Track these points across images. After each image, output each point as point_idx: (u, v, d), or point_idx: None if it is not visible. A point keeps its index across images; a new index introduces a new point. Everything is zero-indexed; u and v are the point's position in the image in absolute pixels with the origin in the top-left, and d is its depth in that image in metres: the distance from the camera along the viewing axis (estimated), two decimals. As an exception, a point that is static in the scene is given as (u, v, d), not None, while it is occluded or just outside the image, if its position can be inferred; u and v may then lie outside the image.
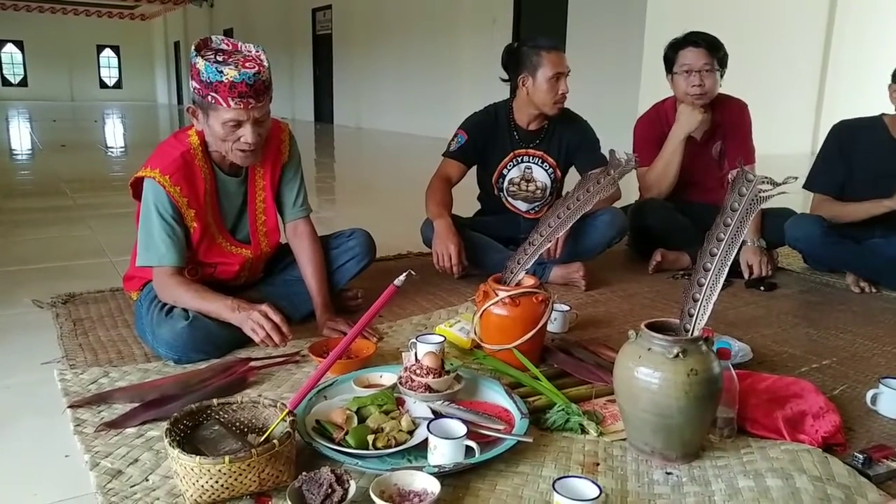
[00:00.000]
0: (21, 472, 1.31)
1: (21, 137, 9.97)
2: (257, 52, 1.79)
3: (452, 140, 2.68)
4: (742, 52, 4.70)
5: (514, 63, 2.58)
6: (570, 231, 2.40)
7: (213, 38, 1.83)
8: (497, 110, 2.70)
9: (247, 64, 1.74)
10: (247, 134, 1.78)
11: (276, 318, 1.78)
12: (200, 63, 1.72)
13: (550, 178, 2.71)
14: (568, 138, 2.68)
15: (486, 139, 2.66)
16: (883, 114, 2.59)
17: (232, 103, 1.72)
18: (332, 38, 13.67)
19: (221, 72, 1.70)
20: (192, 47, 1.77)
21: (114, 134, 11.48)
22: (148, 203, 1.83)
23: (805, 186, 2.68)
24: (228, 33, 18.11)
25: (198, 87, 1.75)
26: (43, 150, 8.10)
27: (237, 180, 1.99)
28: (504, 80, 2.68)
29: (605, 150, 2.19)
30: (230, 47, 1.81)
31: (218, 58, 1.75)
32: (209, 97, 1.73)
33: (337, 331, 1.93)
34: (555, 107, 2.56)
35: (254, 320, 1.77)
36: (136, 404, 1.50)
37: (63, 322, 2.07)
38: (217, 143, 1.84)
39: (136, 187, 1.90)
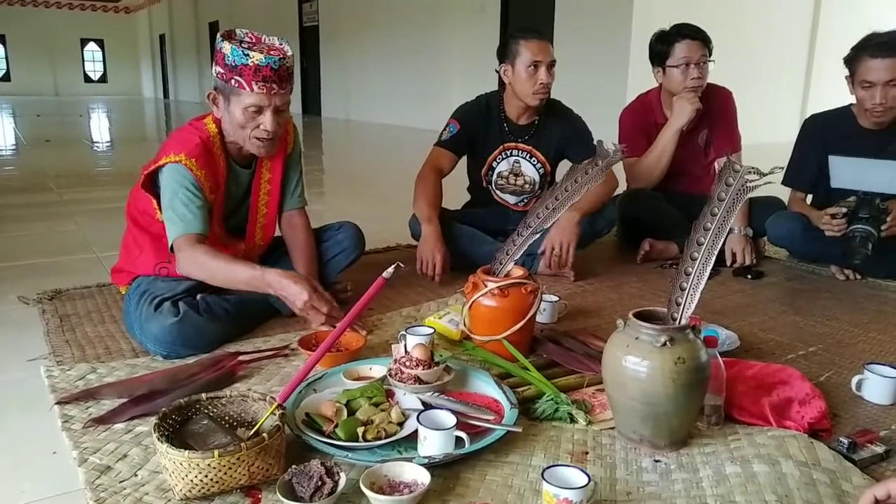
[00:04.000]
0: (9, 470, 1.30)
1: (5, 133, 9.85)
2: (281, 43, 1.83)
3: (444, 129, 2.65)
4: (729, 40, 4.72)
5: (501, 54, 2.58)
6: (578, 236, 2.42)
7: (238, 30, 1.84)
8: (489, 101, 2.67)
9: (272, 51, 1.78)
10: (266, 121, 1.80)
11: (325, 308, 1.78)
12: (227, 47, 1.75)
13: (539, 173, 2.70)
14: (558, 132, 2.66)
15: (477, 130, 2.65)
16: (851, 104, 2.61)
17: (255, 87, 1.75)
18: (318, 30, 13.60)
19: (248, 55, 1.73)
20: (219, 35, 1.80)
21: (99, 128, 11.37)
22: (172, 184, 1.79)
23: (782, 182, 2.72)
24: (214, 26, 17.97)
25: (222, 71, 1.77)
26: (27, 145, 8.01)
27: (248, 172, 2.00)
28: (498, 71, 2.67)
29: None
30: (253, 39, 1.84)
31: (244, 44, 1.77)
32: (233, 80, 1.75)
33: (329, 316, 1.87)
34: (535, 97, 2.52)
35: (308, 306, 1.76)
36: (125, 400, 1.49)
37: (49, 318, 2.06)
38: (235, 131, 1.84)
39: (148, 178, 1.86)
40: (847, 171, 2.45)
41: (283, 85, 1.79)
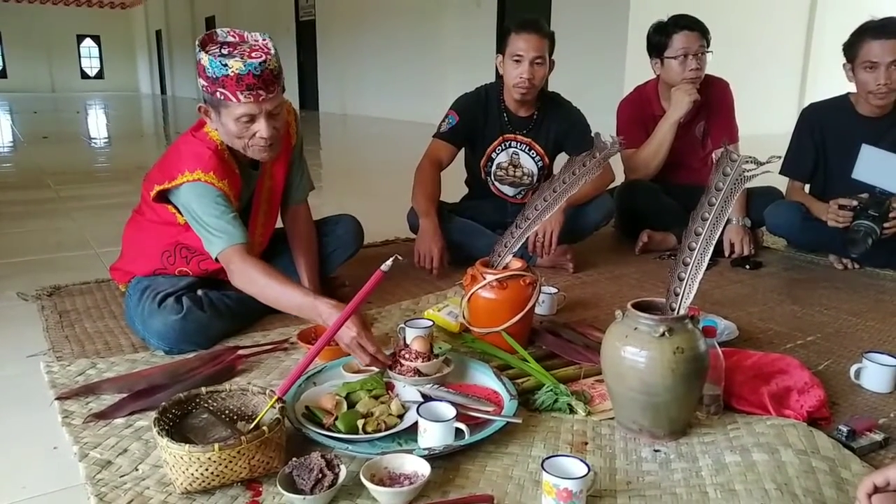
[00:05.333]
0: (9, 465, 1.30)
1: (1, 130, 9.82)
2: (264, 40, 1.72)
3: (443, 121, 2.64)
4: (726, 31, 4.71)
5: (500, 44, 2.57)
6: (563, 224, 2.39)
7: (219, 31, 1.75)
8: (488, 92, 2.66)
9: (253, 54, 1.66)
10: (262, 129, 1.71)
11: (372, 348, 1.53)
12: (205, 59, 1.65)
13: (537, 165, 2.69)
14: (557, 126, 2.65)
15: (476, 121, 2.63)
16: (849, 93, 2.61)
17: (241, 97, 1.65)
18: (315, 25, 13.55)
19: (226, 65, 1.62)
20: (197, 43, 1.70)
21: (97, 125, 11.34)
22: (198, 200, 1.72)
23: (780, 172, 2.72)
24: (210, 21, 17.89)
25: (205, 84, 1.68)
26: (24, 142, 7.99)
27: (256, 173, 1.95)
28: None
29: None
30: (236, 38, 1.74)
31: (223, 51, 1.67)
32: (218, 93, 1.66)
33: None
34: (515, 90, 2.50)
35: (355, 343, 1.53)
36: (124, 395, 1.49)
37: (49, 314, 2.05)
38: (233, 141, 1.77)
39: (158, 193, 1.80)
40: (873, 163, 2.43)
41: (270, 89, 1.67)
